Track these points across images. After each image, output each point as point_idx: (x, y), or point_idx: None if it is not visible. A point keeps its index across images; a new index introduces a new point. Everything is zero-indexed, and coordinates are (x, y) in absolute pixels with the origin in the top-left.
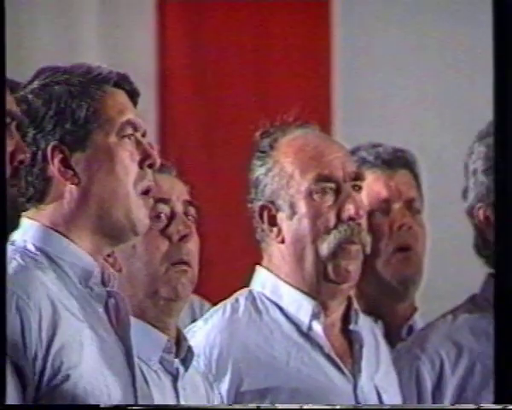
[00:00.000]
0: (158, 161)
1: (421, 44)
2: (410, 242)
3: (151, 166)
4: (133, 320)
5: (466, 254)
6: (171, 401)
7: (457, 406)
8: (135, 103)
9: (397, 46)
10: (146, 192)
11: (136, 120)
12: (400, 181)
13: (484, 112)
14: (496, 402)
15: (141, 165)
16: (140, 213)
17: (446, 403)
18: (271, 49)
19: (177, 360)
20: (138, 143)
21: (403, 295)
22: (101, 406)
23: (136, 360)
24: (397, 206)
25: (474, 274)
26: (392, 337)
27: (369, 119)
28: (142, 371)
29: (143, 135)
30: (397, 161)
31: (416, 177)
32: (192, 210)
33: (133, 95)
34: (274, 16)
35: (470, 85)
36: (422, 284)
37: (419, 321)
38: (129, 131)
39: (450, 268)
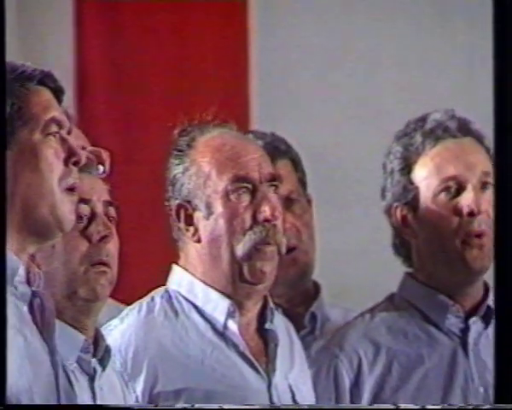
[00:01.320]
0: (83, 159)
1: (340, 44)
2: (294, 242)
3: (76, 163)
4: None
5: (385, 252)
6: (88, 401)
7: (457, 406)
8: (60, 101)
9: (314, 45)
10: (71, 189)
11: (61, 118)
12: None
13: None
14: (496, 402)
15: (66, 162)
16: (65, 209)
17: (364, 402)
18: (189, 48)
19: (94, 360)
20: (63, 141)
21: (299, 283)
22: (103, 405)
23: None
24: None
25: (393, 273)
26: (295, 326)
27: (285, 118)
28: (65, 371)
29: (69, 132)
30: (278, 153)
31: (296, 166)
32: (112, 210)
33: (58, 93)
34: (191, 15)
35: (391, 85)
36: (341, 283)
37: (326, 310)
38: (54, 128)
39: (369, 267)
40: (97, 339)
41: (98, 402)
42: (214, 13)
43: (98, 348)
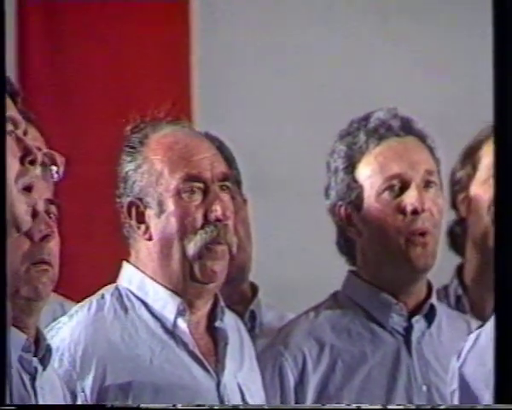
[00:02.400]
0: (40, 158)
1: (285, 43)
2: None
3: (32, 162)
4: None
5: (328, 251)
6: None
7: (455, 406)
8: (15, 103)
9: (258, 44)
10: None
11: (16, 117)
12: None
13: (345, 112)
14: (496, 402)
15: (22, 161)
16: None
17: (308, 400)
18: (132, 48)
19: (35, 359)
20: (19, 140)
21: (237, 280)
22: (108, 405)
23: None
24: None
25: (336, 272)
26: None
27: (229, 117)
28: (19, 372)
29: (25, 133)
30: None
31: (230, 162)
32: (54, 209)
33: (13, 95)
34: (135, 15)
35: (332, 83)
36: (283, 283)
37: (263, 311)
38: (9, 127)
39: (314, 265)
40: (38, 338)
41: (40, 402)
42: (158, 13)
43: (39, 348)
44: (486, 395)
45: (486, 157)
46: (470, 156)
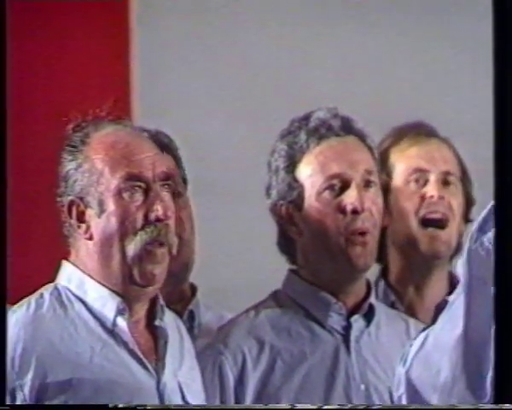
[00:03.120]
0: None
1: (223, 41)
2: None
3: None
4: None
5: (269, 250)
6: None
7: (454, 406)
8: None
9: (200, 43)
10: None
11: None
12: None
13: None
14: (496, 402)
15: None
16: None
17: (248, 399)
18: (76, 46)
19: None
20: None
21: (181, 276)
22: (110, 405)
23: None
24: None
25: (277, 271)
26: None
27: (169, 116)
28: None
29: None
30: (160, 144)
31: (177, 160)
32: None
33: None
34: (76, 13)
35: (274, 83)
36: (224, 282)
37: (202, 311)
38: None
39: (254, 264)
40: None
41: None
42: (97, 11)
43: None
44: (434, 399)
45: (400, 164)
46: (383, 163)
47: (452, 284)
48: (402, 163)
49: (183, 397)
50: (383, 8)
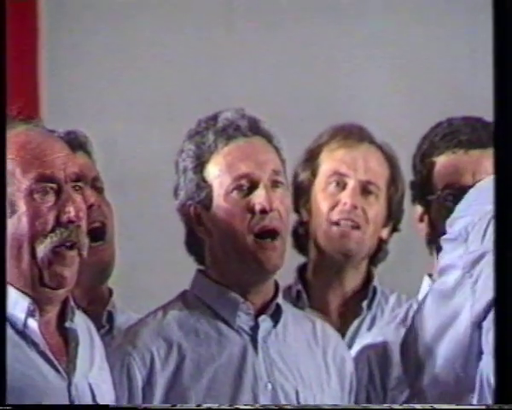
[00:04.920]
0: None
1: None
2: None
3: None
4: None
5: (177, 251)
6: None
7: (455, 406)
8: None
9: (108, 42)
10: None
11: None
12: (81, 162)
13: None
14: (496, 402)
15: None
16: None
17: (156, 400)
18: None
19: None
20: None
21: (102, 276)
22: (110, 406)
23: None
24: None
25: (186, 271)
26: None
27: (78, 116)
28: None
29: None
30: (72, 143)
31: (91, 157)
32: None
33: None
34: None
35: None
36: (138, 283)
37: (119, 311)
38: None
39: (162, 265)
40: None
41: None
42: (6, 9)
43: None
44: None
45: (325, 164)
46: (311, 160)
47: (367, 285)
48: (327, 163)
49: (94, 398)
50: (285, 8)
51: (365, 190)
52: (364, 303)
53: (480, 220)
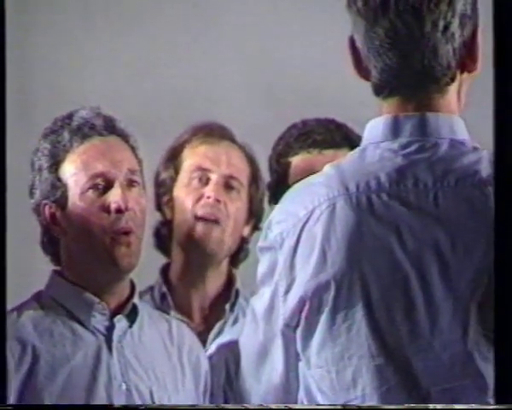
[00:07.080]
0: None
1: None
2: None
3: None
4: None
5: (33, 251)
6: None
7: (455, 406)
8: None
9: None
10: None
11: None
12: None
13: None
14: (496, 402)
15: None
16: None
17: (10, 401)
18: None
19: None
20: None
21: None
22: (114, 405)
23: None
24: None
25: (41, 271)
26: None
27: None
28: None
29: None
30: None
31: None
32: None
33: None
34: None
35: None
36: None
37: None
38: None
39: (16, 265)
40: None
41: None
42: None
43: None
44: None
45: (188, 160)
46: (173, 158)
47: (230, 287)
48: (189, 160)
49: None
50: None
51: (228, 184)
52: (227, 306)
53: (294, 227)
